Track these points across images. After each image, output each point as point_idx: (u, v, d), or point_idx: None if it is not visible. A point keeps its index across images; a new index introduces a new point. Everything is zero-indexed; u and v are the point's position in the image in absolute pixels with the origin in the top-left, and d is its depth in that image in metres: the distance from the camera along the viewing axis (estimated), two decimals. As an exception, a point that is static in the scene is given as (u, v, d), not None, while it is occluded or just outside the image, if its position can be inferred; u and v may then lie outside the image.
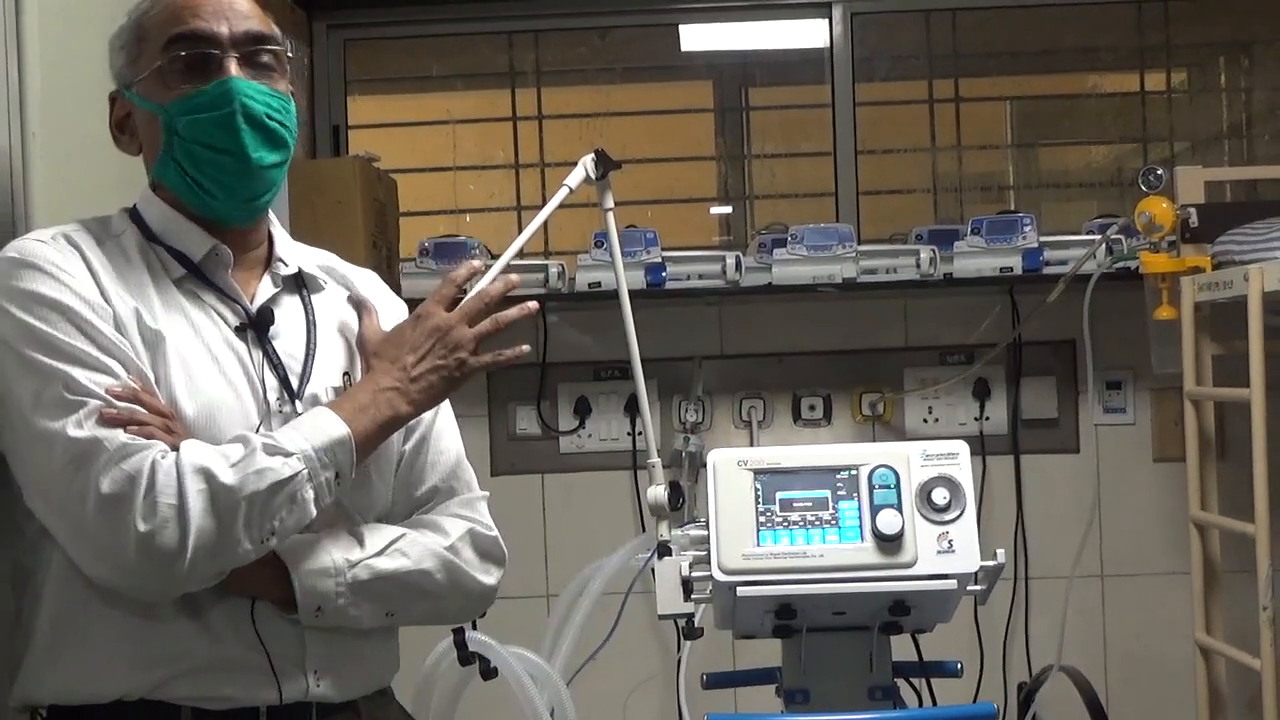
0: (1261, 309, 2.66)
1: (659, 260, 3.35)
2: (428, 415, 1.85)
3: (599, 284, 3.32)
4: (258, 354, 1.72)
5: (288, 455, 1.58)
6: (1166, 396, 3.37)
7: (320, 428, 1.63)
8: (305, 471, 1.59)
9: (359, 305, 1.82)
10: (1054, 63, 4.38)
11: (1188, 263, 2.95)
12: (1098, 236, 3.23)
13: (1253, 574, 2.68)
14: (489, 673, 1.99)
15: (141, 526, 1.51)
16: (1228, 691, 2.96)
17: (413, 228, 3.76)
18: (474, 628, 1.95)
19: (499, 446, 3.44)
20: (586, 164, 2.21)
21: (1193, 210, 2.98)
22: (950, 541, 1.86)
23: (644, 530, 3.34)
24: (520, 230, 2.27)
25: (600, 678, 2.32)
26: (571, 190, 2.22)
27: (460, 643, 1.91)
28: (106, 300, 1.63)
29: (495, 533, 1.84)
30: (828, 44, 3.83)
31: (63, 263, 1.63)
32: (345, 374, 1.79)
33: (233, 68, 1.68)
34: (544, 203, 2.19)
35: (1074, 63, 4.34)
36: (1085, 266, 3.06)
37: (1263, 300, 2.66)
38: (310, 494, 1.60)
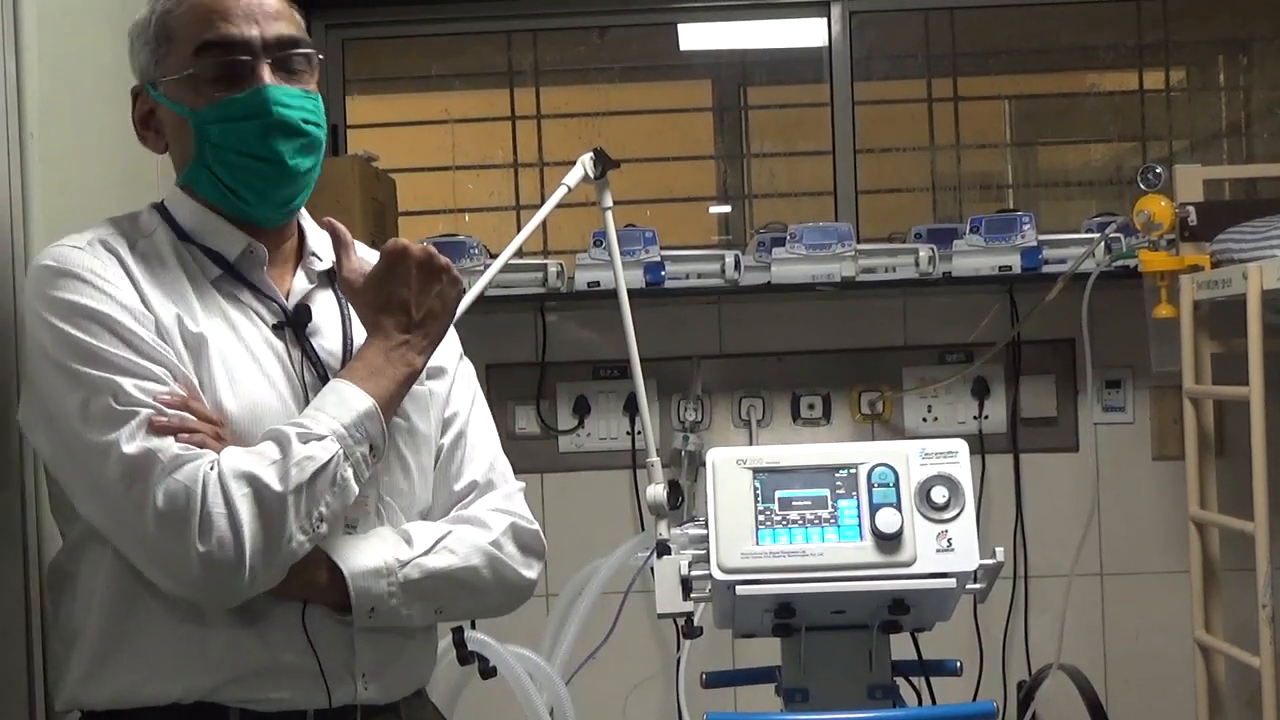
0: (1260, 307, 2.66)
1: (658, 259, 3.35)
2: (464, 410, 1.84)
3: (598, 283, 3.31)
4: (296, 352, 1.71)
5: (321, 439, 1.57)
6: (1165, 395, 3.37)
7: (346, 403, 1.61)
8: (341, 452, 1.58)
9: (335, 236, 1.75)
10: (1052, 61, 4.39)
11: (1186, 261, 2.95)
12: (1096, 235, 3.22)
13: (1252, 572, 2.68)
14: (488, 672, 1.99)
15: (200, 547, 1.51)
16: (1227, 690, 2.96)
17: (412, 227, 3.76)
18: (473, 626, 1.95)
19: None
20: (585, 163, 2.21)
21: (1191, 208, 2.98)
22: (949, 540, 1.87)
23: (643, 529, 3.34)
24: (519, 229, 2.27)
25: (599, 677, 2.32)
26: (570, 189, 2.23)
27: (459, 641, 1.91)
28: (148, 307, 1.62)
29: (536, 526, 1.82)
30: (826, 43, 3.83)
31: (102, 270, 1.62)
32: None
33: (266, 74, 1.66)
34: (543, 202, 2.19)
35: (1072, 61, 4.34)
36: (1084, 265, 3.06)
37: (1261, 298, 2.66)
38: (349, 472, 1.59)
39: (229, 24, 1.66)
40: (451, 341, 1.86)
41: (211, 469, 1.53)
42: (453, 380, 1.85)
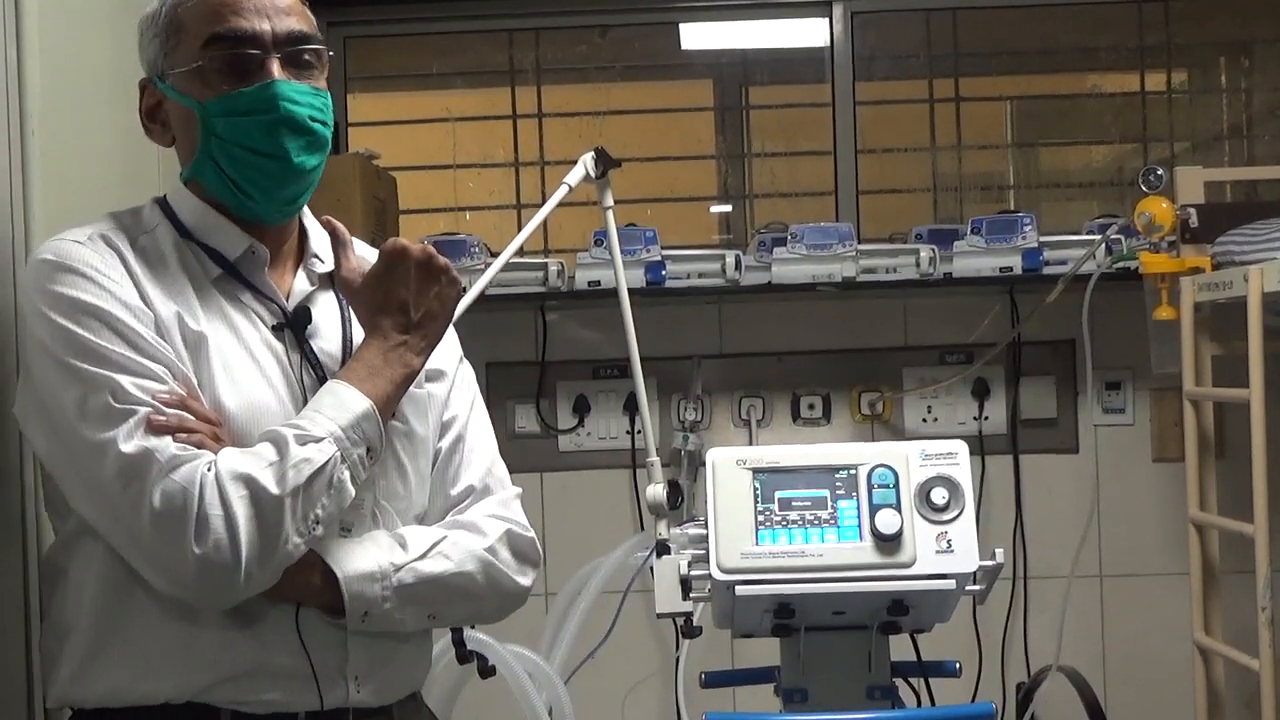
0: (1261, 309, 2.66)
1: (659, 259, 3.35)
2: (462, 413, 1.84)
3: (598, 282, 3.31)
4: (296, 354, 1.70)
5: (318, 441, 1.57)
6: (1166, 397, 3.37)
7: (343, 405, 1.60)
8: (338, 454, 1.57)
9: (334, 236, 1.76)
10: (1054, 62, 4.38)
11: (1187, 263, 2.95)
12: (1097, 236, 3.22)
13: (1251, 574, 2.68)
14: (487, 671, 1.99)
15: (196, 549, 1.50)
16: (1226, 692, 2.95)
17: (412, 225, 3.76)
18: (472, 626, 1.95)
19: (498, 445, 3.43)
20: (586, 162, 2.22)
21: (1192, 210, 2.97)
22: (949, 541, 1.87)
23: (643, 529, 3.34)
24: (520, 228, 2.27)
25: (598, 676, 2.33)
26: (571, 188, 2.23)
27: (458, 641, 1.91)
28: (147, 304, 1.61)
29: (531, 533, 1.81)
30: (828, 43, 3.83)
31: (102, 265, 1.61)
32: None
33: (275, 69, 1.65)
34: (544, 201, 2.19)
35: (1074, 62, 4.34)
36: (1085, 266, 3.06)
37: (1262, 301, 2.66)
38: (346, 475, 1.59)
39: (240, 17, 1.65)
40: (451, 344, 1.85)
41: (209, 470, 1.52)
42: (452, 383, 1.84)
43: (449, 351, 1.84)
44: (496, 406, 3.45)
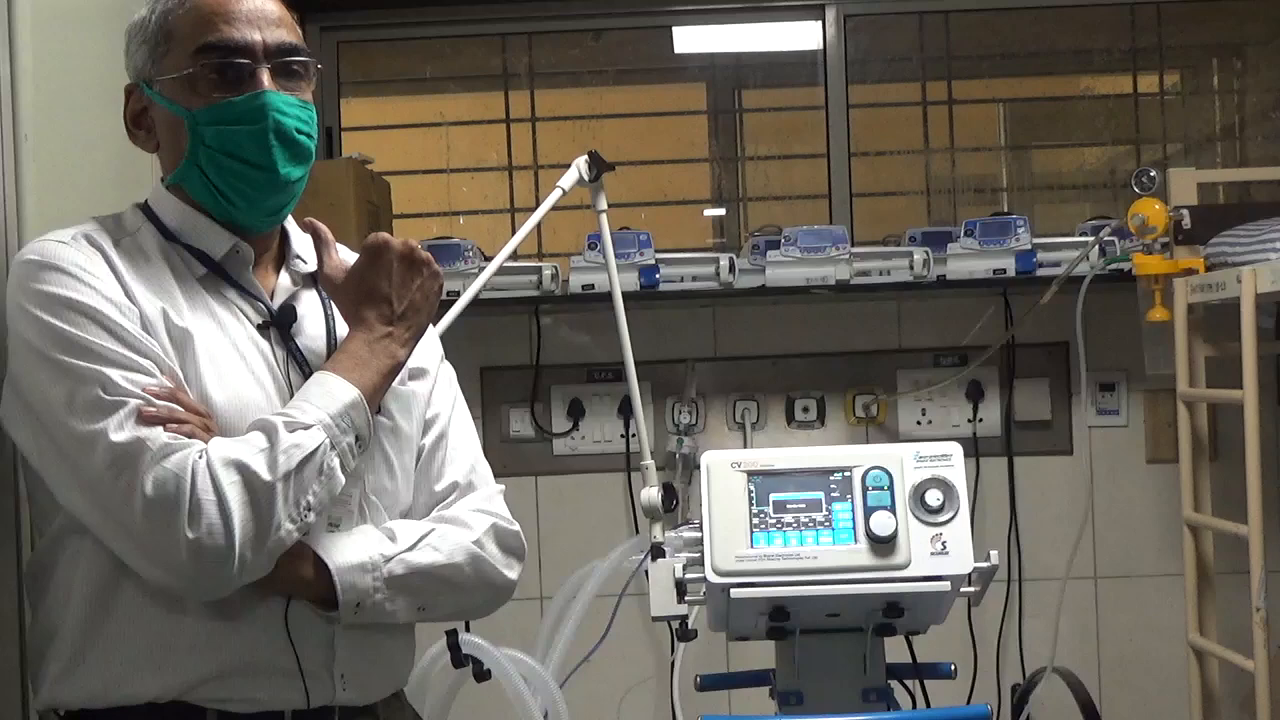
0: (1254, 311, 2.66)
1: (652, 262, 3.35)
2: (445, 411, 1.85)
3: (592, 286, 3.31)
4: (281, 352, 1.71)
5: (308, 428, 1.58)
6: (1159, 398, 3.38)
7: (331, 394, 1.62)
8: (328, 441, 1.59)
9: (316, 235, 1.78)
10: (1047, 65, 4.39)
11: (1181, 264, 2.95)
12: (1091, 238, 3.23)
13: (1245, 575, 2.68)
14: (482, 675, 2.00)
15: (190, 534, 1.51)
16: (1221, 693, 2.96)
17: (406, 229, 3.76)
18: (467, 629, 1.95)
19: (492, 449, 3.38)
20: (580, 166, 2.22)
21: (1185, 212, 2.98)
22: (944, 543, 1.87)
23: (637, 532, 3.34)
24: (514, 232, 2.28)
25: (594, 680, 2.32)
26: (565, 192, 2.24)
27: (454, 645, 1.91)
28: (132, 300, 1.62)
29: (516, 527, 1.83)
30: (821, 46, 3.84)
31: (85, 264, 1.62)
32: None
33: (265, 79, 1.67)
34: (537, 204, 2.19)
35: (1067, 65, 4.34)
36: (1078, 268, 3.07)
37: (1256, 302, 2.66)
38: (336, 462, 1.60)
39: (231, 27, 1.66)
40: (433, 343, 1.87)
41: (200, 457, 1.53)
42: (434, 381, 1.85)
43: (431, 350, 1.86)
44: (491, 410, 3.46)
